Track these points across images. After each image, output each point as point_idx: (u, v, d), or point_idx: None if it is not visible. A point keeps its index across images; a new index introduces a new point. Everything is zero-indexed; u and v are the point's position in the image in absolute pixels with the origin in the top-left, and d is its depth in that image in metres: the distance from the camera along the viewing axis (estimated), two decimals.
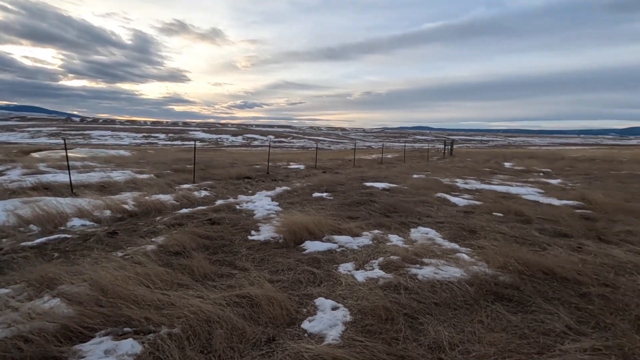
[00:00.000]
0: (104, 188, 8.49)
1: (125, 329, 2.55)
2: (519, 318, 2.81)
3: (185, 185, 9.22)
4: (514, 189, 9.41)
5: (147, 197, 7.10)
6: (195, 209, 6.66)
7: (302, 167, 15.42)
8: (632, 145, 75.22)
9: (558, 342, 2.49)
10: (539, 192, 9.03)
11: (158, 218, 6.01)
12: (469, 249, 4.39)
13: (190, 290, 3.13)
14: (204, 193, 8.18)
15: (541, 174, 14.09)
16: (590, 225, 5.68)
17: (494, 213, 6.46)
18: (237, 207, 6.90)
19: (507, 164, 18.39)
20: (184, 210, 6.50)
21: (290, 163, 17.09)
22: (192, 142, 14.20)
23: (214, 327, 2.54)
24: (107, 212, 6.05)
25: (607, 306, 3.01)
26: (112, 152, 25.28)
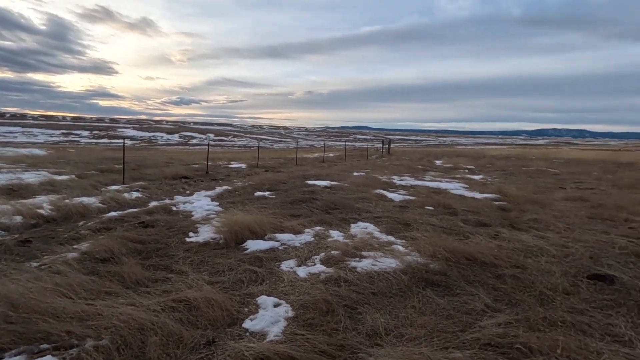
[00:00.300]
0: (13, 191, 7.47)
1: (43, 346, 2.29)
2: (445, 301, 3.08)
3: (114, 187, 8.49)
4: (443, 185, 10.23)
5: (67, 201, 6.40)
6: (125, 211, 6.17)
7: (243, 166, 15.09)
8: (540, 145, 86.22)
9: (478, 319, 2.78)
10: (464, 187, 9.93)
11: (81, 223, 5.46)
12: (403, 241, 4.69)
13: (120, 299, 2.91)
14: (135, 194, 7.61)
15: (466, 170, 15.49)
16: (505, 215, 6.40)
17: (426, 207, 6.97)
18: (174, 208, 6.54)
19: (438, 162, 19.89)
20: (113, 214, 5.99)
21: (231, 162, 16.61)
22: (122, 140, 13.05)
23: (148, 335, 2.40)
24: (18, 218, 5.34)
25: (518, 285, 3.43)
26: (24, 150, 22.26)
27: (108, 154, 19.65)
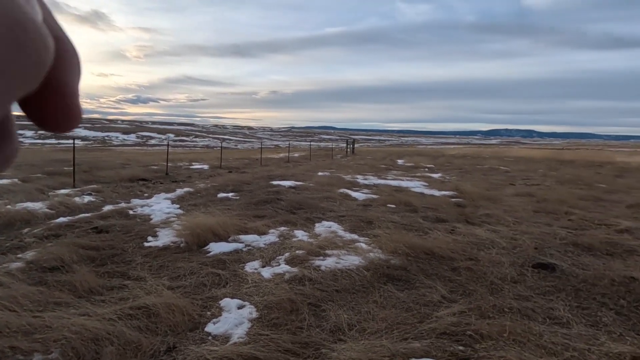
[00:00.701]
0: None
1: None
2: (405, 294, 3.21)
3: (63, 191, 7.93)
4: (404, 183, 10.59)
5: (9, 206, 5.90)
6: (76, 217, 5.80)
7: (206, 167, 14.68)
8: (493, 145, 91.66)
9: (435, 310, 2.93)
10: (424, 185, 10.35)
11: (26, 230, 5.06)
12: (366, 238, 4.81)
13: (72, 309, 2.75)
14: (87, 198, 7.17)
15: (426, 169, 16.13)
16: (461, 211, 6.76)
17: (388, 205, 7.18)
18: (130, 212, 6.24)
19: (400, 161, 20.53)
20: (62, 219, 5.60)
21: (193, 163, 16.10)
22: (71, 141, 12.14)
23: (103, 345, 2.29)
24: None
25: (472, 276, 3.65)
26: None
27: (56, 156, 18.30)
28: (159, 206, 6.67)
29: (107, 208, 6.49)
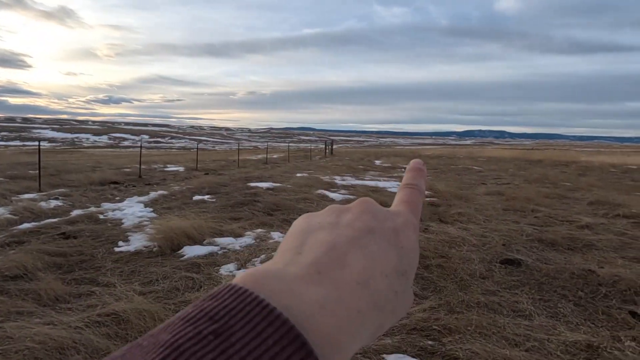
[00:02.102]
0: None
1: None
2: None
3: (28, 195, 7.58)
4: (381, 184, 10.77)
5: None
6: (42, 222, 5.56)
7: (181, 169, 14.38)
8: (467, 145, 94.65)
9: None
10: (398, 185, 10.55)
11: None
12: None
13: (36, 318, 2.65)
14: (54, 203, 6.88)
15: (403, 169, 16.43)
16: (435, 210, 6.95)
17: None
18: (101, 216, 6.04)
19: (377, 162, 20.83)
20: (26, 225, 5.36)
21: (168, 165, 15.75)
22: (37, 143, 11.49)
23: (69, 354, 2.22)
24: None
25: (443, 273, 3.77)
26: None
27: (21, 159, 17.43)
28: (132, 210, 6.49)
29: (76, 213, 6.26)
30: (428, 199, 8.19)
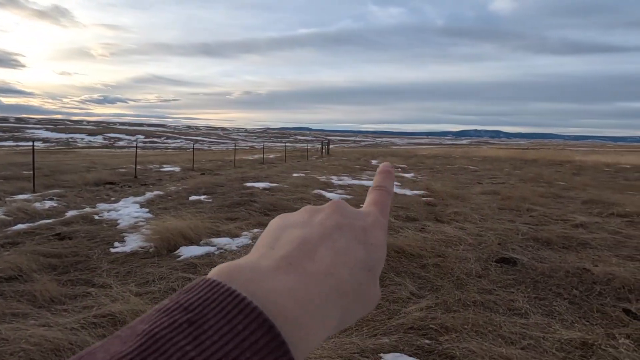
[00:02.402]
0: None
1: None
2: None
3: (22, 196, 7.52)
4: None
5: None
6: (36, 223, 5.51)
7: (177, 169, 14.32)
8: (463, 145, 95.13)
9: (404, 306, 3.03)
10: (396, 185, 10.58)
11: None
12: None
13: (31, 320, 2.63)
14: (49, 204, 6.83)
15: (399, 169, 16.50)
16: (431, 209, 6.98)
17: (361, 205, 7.26)
18: (96, 217, 6.00)
19: (374, 162, 20.87)
20: (20, 226, 5.31)
21: (164, 165, 15.67)
22: (31, 143, 11.40)
23: (65, 356, 2.21)
24: None
25: (439, 272, 3.79)
26: None
27: (14, 159, 17.27)
28: (127, 210, 6.46)
29: (71, 213, 6.21)
30: (424, 198, 8.23)
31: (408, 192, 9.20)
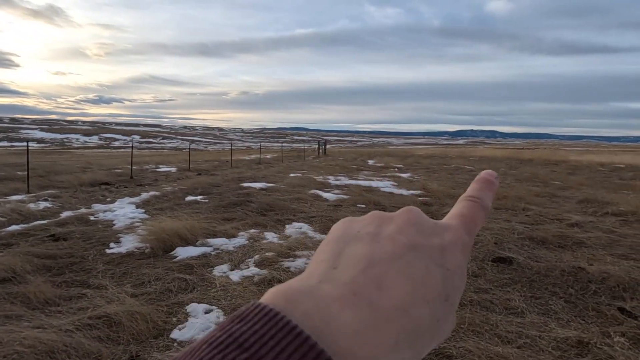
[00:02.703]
0: None
1: None
2: None
3: (16, 197, 7.45)
4: (374, 183, 10.80)
5: None
6: (30, 224, 5.46)
7: (173, 169, 14.26)
8: (460, 145, 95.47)
9: None
10: (393, 185, 10.60)
11: None
12: None
13: (25, 322, 2.60)
14: (43, 205, 6.77)
15: (396, 169, 16.53)
16: (427, 209, 7.00)
17: (358, 205, 7.31)
18: (91, 218, 5.96)
19: (370, 162, 20.89)
20: (14, 227, 5.27)
21: (160, 166, 15.59)
22: (26, 143, 11.27)
23: (60, 358, 2.18)
24: None
25: None
26: None
27: (8, 160, 17.12)
28: (123, 211, 6.42)
29: (66, 214, 6.17)
30: (420, 198, 8.25)
31: (405, 192, 9.22)
